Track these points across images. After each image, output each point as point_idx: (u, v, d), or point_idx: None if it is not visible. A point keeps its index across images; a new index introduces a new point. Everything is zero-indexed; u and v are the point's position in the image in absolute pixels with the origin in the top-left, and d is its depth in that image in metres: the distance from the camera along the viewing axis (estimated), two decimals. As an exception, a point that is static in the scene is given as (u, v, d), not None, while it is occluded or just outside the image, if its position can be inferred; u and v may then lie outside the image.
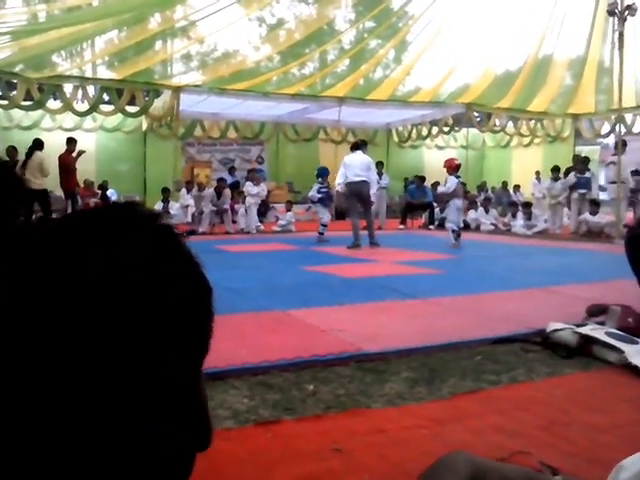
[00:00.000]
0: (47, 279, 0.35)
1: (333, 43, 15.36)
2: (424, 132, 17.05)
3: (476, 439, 2.07)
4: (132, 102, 13.12)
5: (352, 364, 2.93)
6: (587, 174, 11.69)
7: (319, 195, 10.31)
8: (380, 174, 13.70)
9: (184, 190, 14.07)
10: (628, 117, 14.96)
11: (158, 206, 11.44)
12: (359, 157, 8.86)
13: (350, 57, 15.38)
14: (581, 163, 11.96)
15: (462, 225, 8.95)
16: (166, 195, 11.58)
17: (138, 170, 16.66)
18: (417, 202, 13.39)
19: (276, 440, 2.05)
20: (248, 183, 12.32)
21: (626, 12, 9.80)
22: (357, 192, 8.85)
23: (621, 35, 9.90)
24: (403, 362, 2.96)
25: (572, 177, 11.60)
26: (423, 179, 14.27)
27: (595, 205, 11.01)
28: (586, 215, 11.01)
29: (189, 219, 13.12)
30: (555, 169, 12.32)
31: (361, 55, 15.25)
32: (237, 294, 4.75)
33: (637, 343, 2.92)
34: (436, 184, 16.16)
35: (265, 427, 2.15)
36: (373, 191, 8.87)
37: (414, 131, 17.45)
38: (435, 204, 13.28)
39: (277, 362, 2.87)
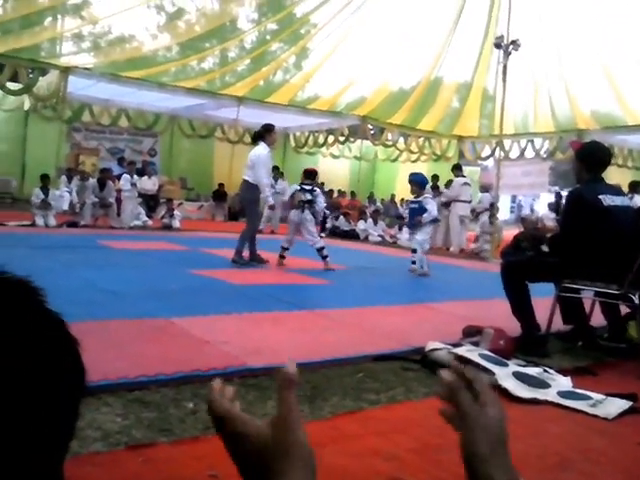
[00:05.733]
0: None
1: (235, 41, 15.16)
2: (321, 140, 17.31)
3: (354, 462, 2.09)
4: (14, 79, 12.13)
5: (235, 380, 2.86)
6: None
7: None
8: (276, 179, 13.73)
9: (64, 178, 13.24)
10: (507, 143, 16.13)
11: (37, 194, 10.66)
12: (251, 151, 7.46)
13: (251, 57, 15.27)
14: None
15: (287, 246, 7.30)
16: (45, 183, 10.78)
17: (17, 152, 15.49)
18: (310, 209, 13.54)
19: (148, 465, 1.94)
20: (124, 176, 11.76)
21: (511, 46, 10.54)
22: (240, 194, 7.77)
23: (505, 67, 10.64)
24: (287, 378, 2.94)
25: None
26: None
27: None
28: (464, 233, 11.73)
29: (67, 208, 12.40)
30: (435, 187, 13.07)
31: (262, 57, 15.20)
32: (117, 297, 4.51)
33: (507, 366, 3.11)
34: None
35: (137, 451, 2.03)
36: (264, 194, 7.09)
37: (311, 138, 17.66)
38: (328, 212, 13.51)
39: (156, 377, 2.73)
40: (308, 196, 7.19)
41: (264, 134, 7.34)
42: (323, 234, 13.08)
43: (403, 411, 2.67)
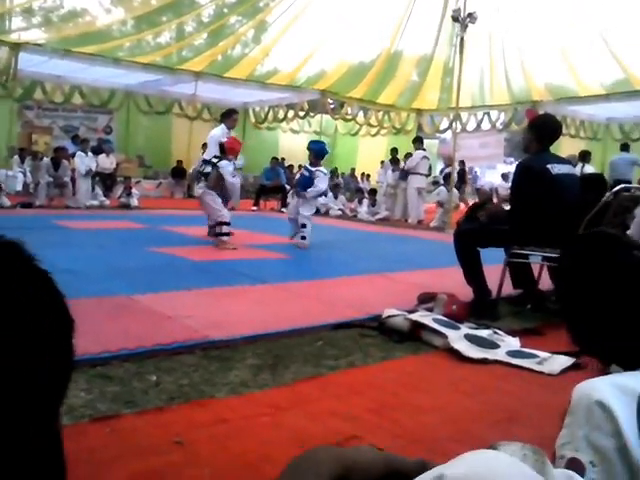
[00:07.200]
0: None
1: (192, 15, 14.84)
2: (281, 115, 17.19)
3: (314, 424, 2.19)
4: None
5: (198, 352, 2.92)
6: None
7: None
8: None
9: (16, 158, 12.89)
10: (464, 115, 16.33)
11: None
12: None
13: (209, 32, 14.98)
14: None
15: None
16: (-9, 163, 10.50)
17: (-35, 133, 14.92)
18: (271, 184, 13.53)
19: (114, 436, 2.00)
20: (78, 154, 11.50)
21: (467, 19, 10.63)
22: None
23: (462, 40, 10.74)
24: (249, 349, 3.02)
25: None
26: (277, 161, 14.41)
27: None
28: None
29: (20, 189, 12.11)
30: (394, 160, 13.22)
31: (220, 31, 14.93)
32: (76, 276, 4.48)
33: (459, 329, 3.26)
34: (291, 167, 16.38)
35: (103, 422, 2.08)
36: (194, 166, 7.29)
37: (271, 113, 17.52)
38: (288, 187, 13.50)
39: (118, 352, 2.77)
40: (207, 169, 6.89)
41: (224, 117, 7.44)
42: (284, 209, 13.10)
43: (361, 375, 2.78)
